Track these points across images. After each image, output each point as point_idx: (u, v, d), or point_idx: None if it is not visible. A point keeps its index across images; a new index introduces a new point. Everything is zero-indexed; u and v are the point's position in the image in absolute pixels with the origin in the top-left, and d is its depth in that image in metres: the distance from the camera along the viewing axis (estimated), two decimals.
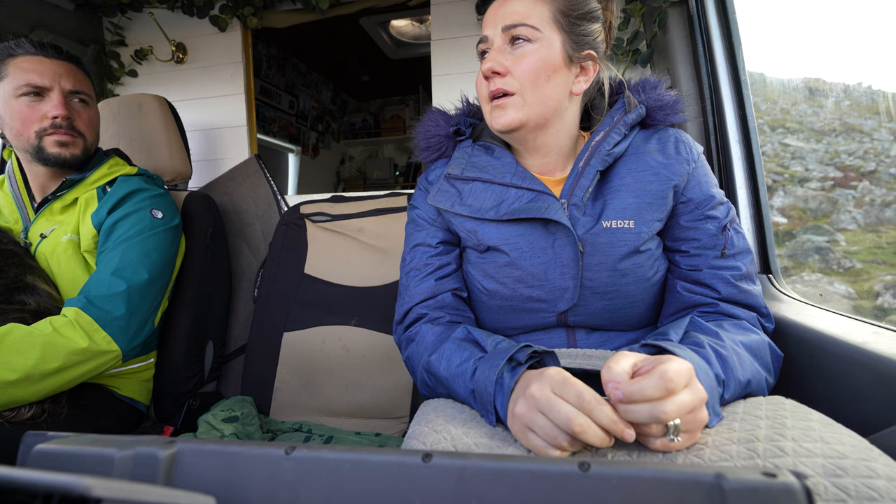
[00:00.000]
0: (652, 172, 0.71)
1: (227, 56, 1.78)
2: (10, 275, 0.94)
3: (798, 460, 0.43)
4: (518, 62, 0.69)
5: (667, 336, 0.58)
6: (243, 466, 0.31)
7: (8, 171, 1.12)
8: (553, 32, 0.70)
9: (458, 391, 0.62)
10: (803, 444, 0.44)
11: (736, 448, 0.46)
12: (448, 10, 1.59)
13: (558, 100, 0.72)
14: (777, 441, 0.45)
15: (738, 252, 0.70)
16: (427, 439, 0.56)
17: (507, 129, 0.72)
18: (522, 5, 0.70)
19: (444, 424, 0.57)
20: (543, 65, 0.69)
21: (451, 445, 0.53)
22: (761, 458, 0.44)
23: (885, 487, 0.39)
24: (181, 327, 1.20)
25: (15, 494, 0.23)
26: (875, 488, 0.39)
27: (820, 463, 0.42)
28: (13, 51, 0.99)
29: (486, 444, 0.52)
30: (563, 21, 0.71)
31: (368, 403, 1.18)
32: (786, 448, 0.44)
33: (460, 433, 0.55)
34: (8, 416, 0.85)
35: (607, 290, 0.69)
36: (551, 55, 0.70)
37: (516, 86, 0.70)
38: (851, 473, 0.40)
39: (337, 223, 1.36)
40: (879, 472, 0.40)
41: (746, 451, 0.45)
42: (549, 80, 0.70)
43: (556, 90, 0.71)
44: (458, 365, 0.63)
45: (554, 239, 0.70)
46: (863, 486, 0.39)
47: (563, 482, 0.28)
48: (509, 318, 0.75)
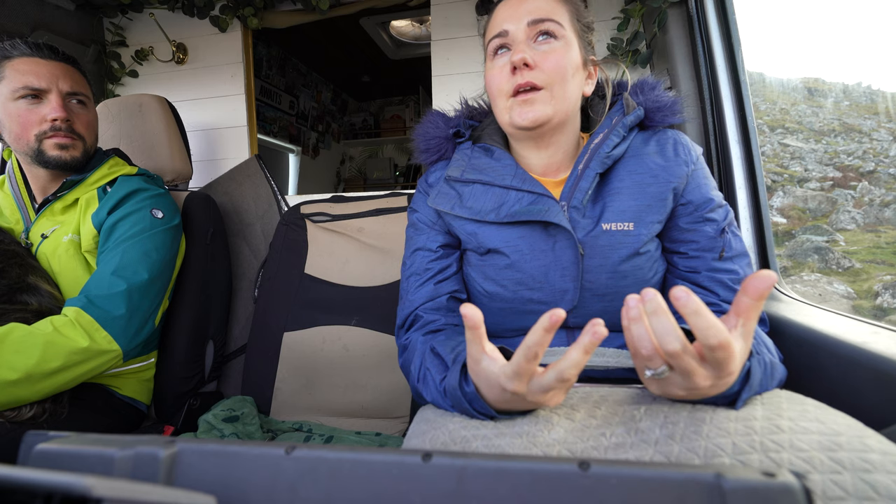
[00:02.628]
0: (651, 175, 0.71)
1: (228, 56, 1.78)
2: (13, 275, 0.94)
3: (794, 437, 0.43)
4: (546, 57, 0.69)
5: None
6: (243, 466, 0.31)
7: (8, 171, 1.12)
8: (573, 34, 0.72)
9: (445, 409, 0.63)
10: (800, 423, 0.45)
11: (734, 425, 0.46)
12: (448, 11, 1.59)
13: (577, 99, 0.73)
14: (774, 420, 0.46)
15: (735, 255, 0.70)
16: (426, 436, 0.56)
17: (534, 124, 0.70)
18: (546, 2, 0.71)
19: (442, 421, 0.58)
20: (569, 62, 0.70)
21: (449, 438, 0.53)
22: (759, 435, 0.44)
23: (880, 460, 0.40)
24: (182, 327, 1.20)
25: (15, 494, 0.23)
26: (869, 461, 0.40)
27: (816, 439, 0.43)
28: (9, 53, 0.98)
29: (484, 434, 0.52)
30: (578, 25, 0.73)
31: (368, 403, 1.18)
32: (783, 426, 0.45)
33: (458, 427, 0.55)
34: (9, 415, 0.85)
35: (607, 291, 0.70)
36: (573, 54, 0.71)
37: (545, 80, 0.69)
38: (846, 448, 0.41)
39: (337, 223, 1.36)
40: (873, 447, 0.41)
41: (744, 427, 0.45)
42: (573, 77, 0.71)
43: (576, 89, 0.72)
44: (434, 389, 0.63)
45: (554, 241, 0.71)
46: (857, 460, 0.40)
47: (563, 482, 0.28)
48: (509, 320, 0.75)
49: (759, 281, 0.42)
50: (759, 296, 0.42)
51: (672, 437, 0.46)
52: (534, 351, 0.45)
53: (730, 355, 0.43)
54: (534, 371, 0.47)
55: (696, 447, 0.45)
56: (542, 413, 0.54)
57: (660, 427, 0.48)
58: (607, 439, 0.48)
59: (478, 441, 0.51)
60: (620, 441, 0.48)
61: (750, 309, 0.44)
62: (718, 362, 0.43)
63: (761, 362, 0.52)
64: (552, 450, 0.49)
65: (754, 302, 0.43)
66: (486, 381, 0.51)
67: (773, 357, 0.60)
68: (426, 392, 0.65)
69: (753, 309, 0.44)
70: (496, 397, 0.51)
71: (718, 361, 0.43)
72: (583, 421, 0.52)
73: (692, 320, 0.42)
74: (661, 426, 0.48)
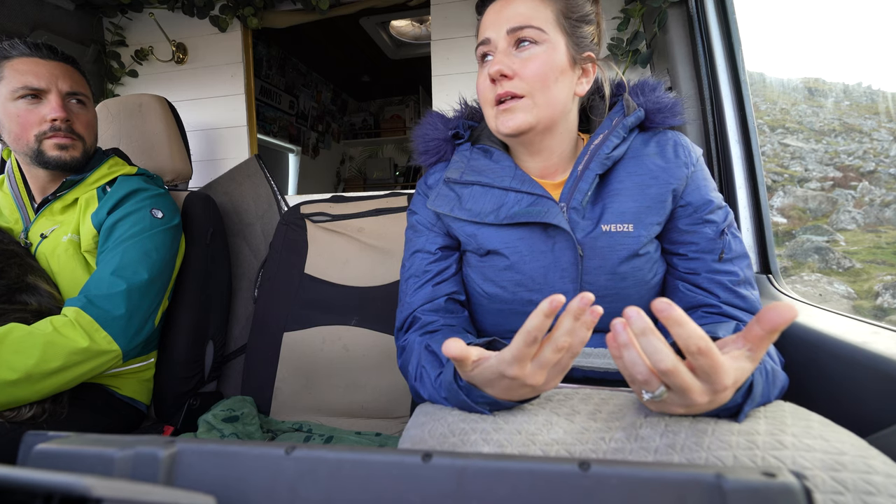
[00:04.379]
0: (651, 176, 0.71)
1: (228, 56, 1.78)
2: (12, 275, 0.94)
3: (797, 454, 0.43)
4: (525, 64, 0.68)
5: (717, 335, 0.57)
6: (243, 466, 0.31)
7: (7, 171, 1.12)
8: (557, 34, 0.70)
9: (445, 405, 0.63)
10: (803, 440, 0.44)
11: (736, 438, 0.45)
12: (448, 10, 1.59)
13: (565, 102, 0.72)
14: (777, 435, 0.45)
15: (735, 256, 0.70)
16: (424, 427, 0.56)
17: (516, 132, 0.70)
18: (526, 7, 0.70)
19: (441, 413, 0.58)
20: (551, 67, 0.69)
21: (448, 430, 0.53)
22: (761, 450, 0.44)
23: (883, 483, 0.39)
24: (181, 327, 1.20)
25: (15, 494, 0.23)
26: (872, 483, 0.39)
27: (819, 457, 0.42)
28: (8, 52, 0.98)
29: (482, 428, 0.52)
30: (565, 23, 0.71)
31: (368, 403, 1.18)
32: (786, 442, 0.44)
33: (457, 419, 0.55)
34: (8, 415, 0.85)
35: (606, 293, 0.69)
36: (557, 57, 0.70)
37: (525, 88, 0.69)
38: (850, 468, 0.41)
39: (337, 223, 1.36)
40: (877, 469, 0.40)
41: (746, 441, 0.45)
42: (556, 81, 0.70)
43: (562, 92, 0.71)
44: (430, 386, 0.64)
45: (553, 243, 0.71)
46: (860, 481, 0.40)
47: (563, 482, 0.28)
48: (509, 321, 0.75)
49: (776, 314, 0.40)
50: (773, 329, 0.41)
51: (672, 447, 0.46)
52: (533, 335, 0.45)
53: (714, 363, 0.42)
54: (531, 355, 0.47)
55: (696, 459, 0.44)
56: (542, 413, 0.54)
57: (660, 435, 0.47)
58: (606, 444, 0.48)
59: (476, 434, 0.51)
60: (620, 446, 0.47)
61: (761, 339, 0.43)
62: (706, 372, 0.43)
63: (763, 371, 0.52)
64: (551, 449, 0.48)
65: (766, 334, 0.42)
66: (483, 379, 0.51)
67: (775, 363, 0.59)
68: (423, 390, 0.65)
69: (765, 340, 0.43)
70: (495, 388, 0.51)
71: (705, 371, 0.43)
72: (583, 423, 0.51)
73: (674, 330, 0.42)
74: (661, 434, 0.47)
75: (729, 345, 0.47)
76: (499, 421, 0.53)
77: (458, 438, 0.51)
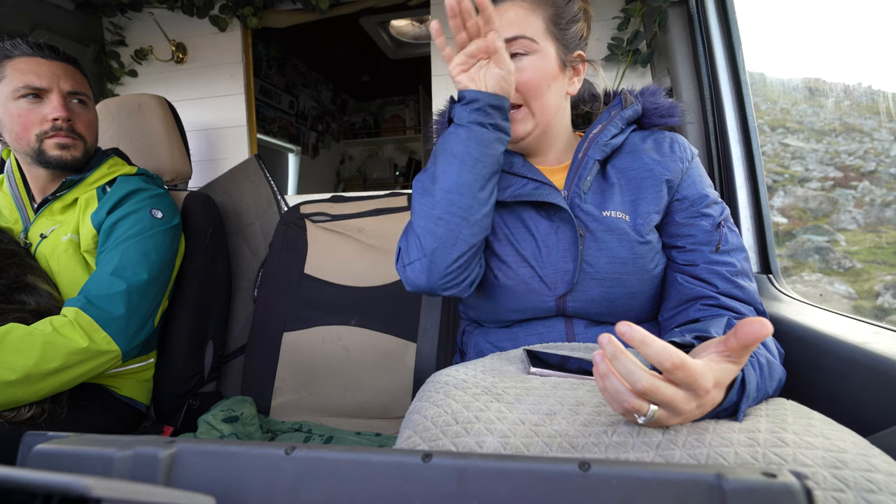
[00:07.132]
0: (646, 169, 0.75)
1: (227, 56, 1.78)
2: (11, 274, 0.94)
3: (799, 451, 0.43)
4: (519, 75, 0.71)
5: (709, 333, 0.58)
6: (243, 466, 0.31)
7: (7, 171, 1.12)
8: (547, 42, 0.73)
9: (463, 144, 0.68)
10: (804, 438, 0.44)
11: (737, 436, 0.45)
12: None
13: (558, 104, 0.76)
14: (778, 433, 0.45)
15: (732, 248, 0.72)
16: (427, 412, 0.55)
17: (514, 140, 0.76)
18: (517, 19, 0.72)
19: (444, 399, 0.57)
20: (544, 75, 0.72)
21: (452, 419, 0.53)
22: (762, 447, 0.44)
23: (884, 481, 0.39)
24: (181, 327, 1.20)
25: (15, 494, 0.23)
26: (874, 481, 0.39)
27: (820, 455, 0.42)
28: (9, 52, 0.98)
29: (487, 417, 0.51)
30: (555, 30, 0.74)
31: (368, 403, 1.18)
32: (787, 440, 0.44)
33: (460, 406, 0.54)
34: (8, 416, 0.85)
35: (606, 276, 0.72)
36: (549, 65, 0.73)
37: (520, 98, 0.73)
38: (851, 466, 0.41)
39: (337, 223, 1.36)
40: (879, 468, 0.41)
41: (747, 439, 0.45)
42: (549, 88, 0.73)
43: (555, 97, 0.75)
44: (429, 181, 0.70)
45: (556, 226, 0.75)
46: (861, 479, 0.40)
47: (563, 482, 0.28)
48: (509, 301, 0.77)
49: (750, 330, 0.42)
50: (747, 344, 0.43)
51: (674, 442, 0.46)
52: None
53: (690, 373, 0.42)
54: None
55: (698, 454, 0.44)
56: (546, 402, 0.54)
57: (662, 431, 0.47)
58: (609, 437, 0.48)
59: (480, 423, 0.51)
60: (622, 440, 0.48)
61: (738, 352, 0.44)
62: (686, 382, 0.43)
63: (756, 365, 0.52)
64: (553, 442, 0.48)
65: (742, 349, 0.44)
66: None
67: (770, 355, 0.60)
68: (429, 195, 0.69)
69: (743, 353, 0.44)
70: None
71: (684, 381, 0.43)
72: (587, 416, 0.51)
73: (642, 350, 0.42)
74: (664, 430, 0.47)
75: (711, 348, 0.48)
76: (503, 409, 0.53)
77: (461, 427, 0.51)
